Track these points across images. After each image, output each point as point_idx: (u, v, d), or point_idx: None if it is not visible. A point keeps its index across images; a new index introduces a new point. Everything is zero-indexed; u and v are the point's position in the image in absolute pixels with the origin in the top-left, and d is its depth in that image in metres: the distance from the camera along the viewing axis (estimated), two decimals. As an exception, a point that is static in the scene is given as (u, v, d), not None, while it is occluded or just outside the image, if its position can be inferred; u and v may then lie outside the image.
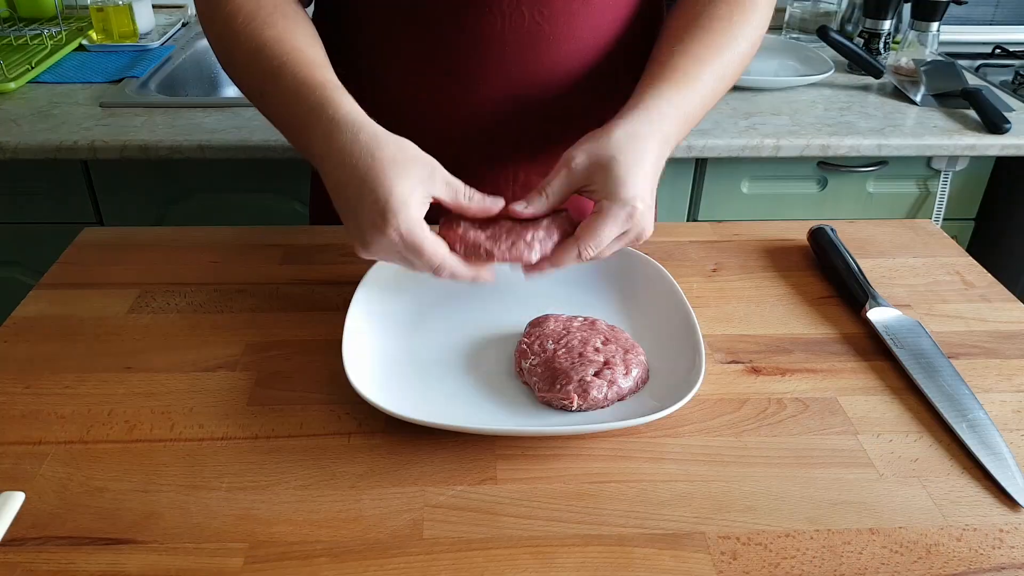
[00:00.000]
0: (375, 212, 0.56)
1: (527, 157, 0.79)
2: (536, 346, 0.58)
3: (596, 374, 0.55)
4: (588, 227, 0.59)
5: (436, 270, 0.58)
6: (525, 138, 0.78)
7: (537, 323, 0.61)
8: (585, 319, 0.61)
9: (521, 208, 0.60)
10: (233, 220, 1.31)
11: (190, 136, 1.21)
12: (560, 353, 0.57)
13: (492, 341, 0.63)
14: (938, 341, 0.63)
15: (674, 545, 0.46)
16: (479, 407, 0.56)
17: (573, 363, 0.56)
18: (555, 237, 0.60)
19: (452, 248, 0.59)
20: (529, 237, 0.59)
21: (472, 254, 0.59)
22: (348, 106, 0.59)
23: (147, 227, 0.80)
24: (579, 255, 0.60)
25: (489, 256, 0.59)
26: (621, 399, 0.56)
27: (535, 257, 0.59)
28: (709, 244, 0.78)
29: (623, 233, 0.60)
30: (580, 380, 0.55)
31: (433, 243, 0.57)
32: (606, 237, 0.59)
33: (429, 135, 0.69)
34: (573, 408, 0.55)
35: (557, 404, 0.55)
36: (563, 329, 0.60)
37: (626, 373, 0.56)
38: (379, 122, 0.60)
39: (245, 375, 0.59)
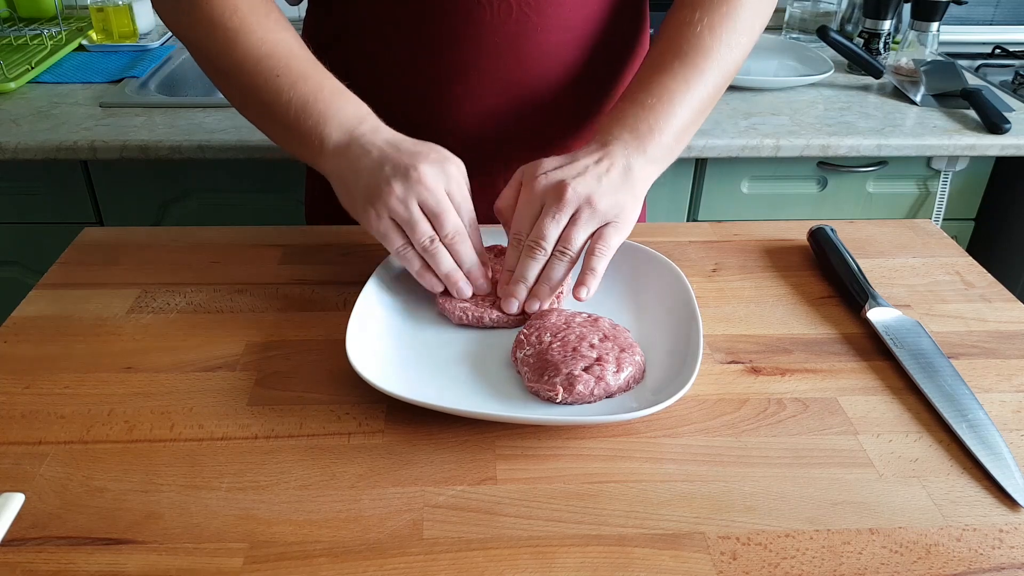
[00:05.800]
0: (431, 149, 0.61)
1: (517, 148, 0.80)
2: (533, 337, 0.59)
3: (586, 369, 0.55)
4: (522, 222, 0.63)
5: (452, 235, 0.61)
6: (516, 129, 0.78)
7: (540, 316, 0.61)
8: (588, 316, 0.61)
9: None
10: (233, 220, 1.31)
11: (190, 136, 1.21)
12: (555, 346, 0.57)
13: (499, 332, 0.63)
14: (938, 341, 0.63)
15: (674, 545, 0.46)
16: (474, 394, 0.56)
17: (565, 357, 0.56)
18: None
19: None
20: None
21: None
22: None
23: (147, 227, 0.80)
24: (532, 255, 0.61)
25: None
26: (609, 396, 0.56)
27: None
28: (709, 244, 0.78)
29: (572, 211, 0.61)
30: (568, 374, 0.55)
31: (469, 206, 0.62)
32: (542, 223, 0.61)
33: (421, 128, 0.69)
34: (558, 400, 0.55)
35: (543, 395, 0.55)
36: (564, 324, 0.60)
37: (616, 371, 0.56)
38: None
39: (245, 375, 0.59)
